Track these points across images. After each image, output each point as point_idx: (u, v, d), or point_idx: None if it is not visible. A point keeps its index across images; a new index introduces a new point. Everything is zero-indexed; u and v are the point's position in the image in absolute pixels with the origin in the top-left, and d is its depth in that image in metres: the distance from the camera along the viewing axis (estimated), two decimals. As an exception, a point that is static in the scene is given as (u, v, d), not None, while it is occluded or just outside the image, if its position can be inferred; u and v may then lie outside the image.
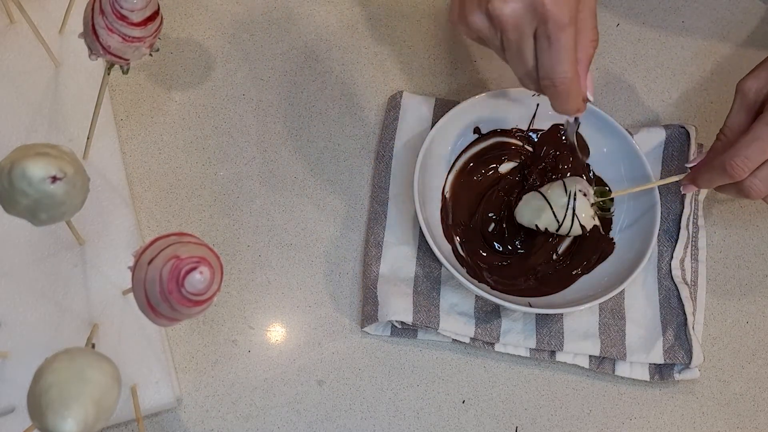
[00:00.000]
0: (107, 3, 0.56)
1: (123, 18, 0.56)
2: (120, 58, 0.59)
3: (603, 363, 0.72)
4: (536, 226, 0.71)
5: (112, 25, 0.56)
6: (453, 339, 0.72)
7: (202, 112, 0.79)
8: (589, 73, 0.62)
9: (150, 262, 0.50)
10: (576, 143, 0.72)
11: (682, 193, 0.73)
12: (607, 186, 0.75)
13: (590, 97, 0.63)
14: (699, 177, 0.69)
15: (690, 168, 0.70)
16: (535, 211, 0.71)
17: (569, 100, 0.61)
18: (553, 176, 0.76)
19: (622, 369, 0.72)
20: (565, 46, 0.57)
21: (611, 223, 0.75)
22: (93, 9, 0.57)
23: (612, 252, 0.73)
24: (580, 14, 0.59)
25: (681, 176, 0.71)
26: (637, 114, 0.83)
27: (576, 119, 0.68)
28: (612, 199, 0.74)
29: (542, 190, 0.71)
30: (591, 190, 0.71)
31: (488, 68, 0.83)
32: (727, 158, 0.64)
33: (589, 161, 0.77)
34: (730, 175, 0.65)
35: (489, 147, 0.77)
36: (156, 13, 0.57)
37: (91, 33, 0.57)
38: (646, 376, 0.72)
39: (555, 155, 0.77)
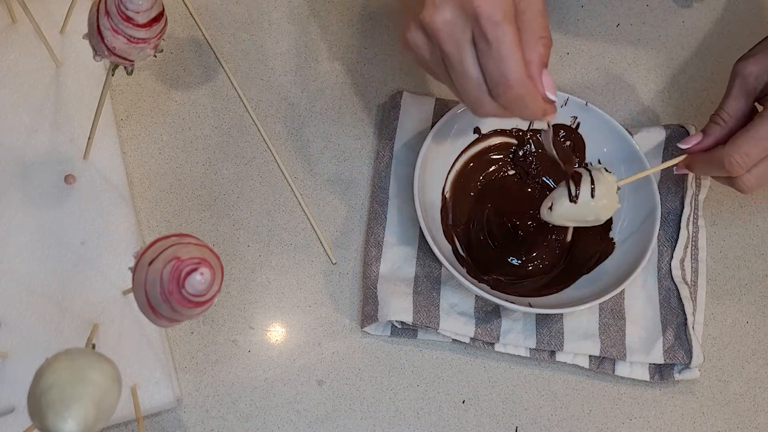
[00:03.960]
0: (113, 4, 0.56)
1: (128, 19, 0.56)
2: (125, 59, 0.59)
3: (603, 363, 0.72)
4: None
5: (117, 27, 0.56)
6: (453, 339, 0.72)
7: (202, 112, 0.79)
8: (545, 73, 0.57)
9: (151, 263, 0.50)
10: (555, 153, 0.68)
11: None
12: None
13: (552, 97, 0.58)
14: (696, 165, 0.69)
15: (684, 150, 0.70)
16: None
17: (527, 102, 0.56)
18: (539, 168, 0.77)
19: (622, 369, 0.72)
20: (505, 43, 0.53)
21: (611, 222, 0.75)
22: (98, 10, 0.57)
23: (612, 252, 0.73)
24: (524, 15, 0.56)
25: (679, 159, 0.71)
26: (637, 114, 0.83)
27: (549, 126, 0.65)
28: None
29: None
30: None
31: (488, 68, 0.83)
32: (727, 155, 0.64)
33: (589, 161, 0.77)
34: (728, 170, 0.65)
35: (489, 147, 0.77)
36: (161, 14, 0.58)
37: (96, 34, 0.58)
38: (646, 376, 0.72)
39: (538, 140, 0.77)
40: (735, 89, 0.67)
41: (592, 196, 0.65)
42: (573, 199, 0.65)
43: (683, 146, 0.69)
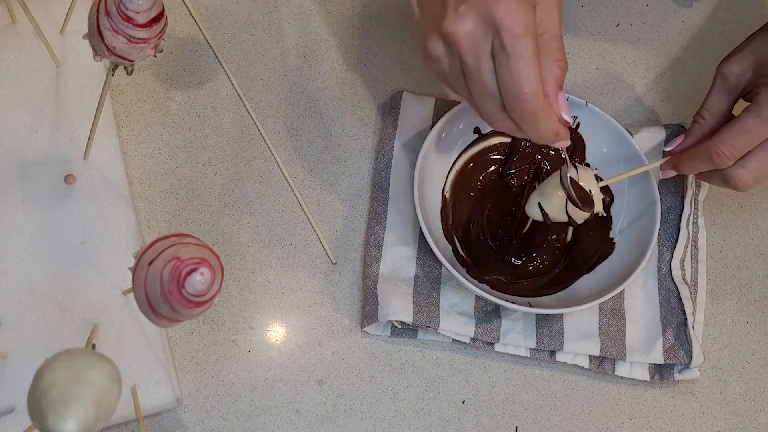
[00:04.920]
0: (113, 4, 0.56)
1: (128, 19, 0.56)
2: (125, 59, 0.59)
3: (603, 363, 0.72)
4: (544, 214, 0.68)
5: (117, 27, 0.56)
6: (453, 339, 0.72)
7: (202, 112, 0.79)
8: (561, 94, 0.58)
9: (151, 263, 0.50)
10: (571, 190, 0.66)
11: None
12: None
13: (566, 118, 0.58)
14: (682, 163, 0.69)
15: (668, 152, 0.71)
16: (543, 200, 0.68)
17: (540, 121, 0.56)
18: (530, 168, 0.77)
19: (622, 369, 0.72)
20: (523, 56, 0.53)
21: (611, 223, 0.75)
22: (98, 10, 0.57)
23: (612, 252, 0.73)
24: (542, 37, 0.56)
25: (663, 161, 0.71)
26: (637, 114, 0.83)
27: (567, 158, 0.65)
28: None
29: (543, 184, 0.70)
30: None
31: (488, 68, 0.83)
32: (713, 146, 0.65)
33: (589, 161, 0.77)
34: (716, 163, 0.65)
35: (489, 147, 0.77)
36: (161, 14, 0.58)
37: (96, 34, 0.58)
38: (646, 376, 0.72)
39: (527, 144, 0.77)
40: (716, 87, 0.68)
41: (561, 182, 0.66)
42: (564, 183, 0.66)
43: (667, 149, 0.71)
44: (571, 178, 0.66)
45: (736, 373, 0.74)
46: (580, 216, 0.68)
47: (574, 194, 0.66)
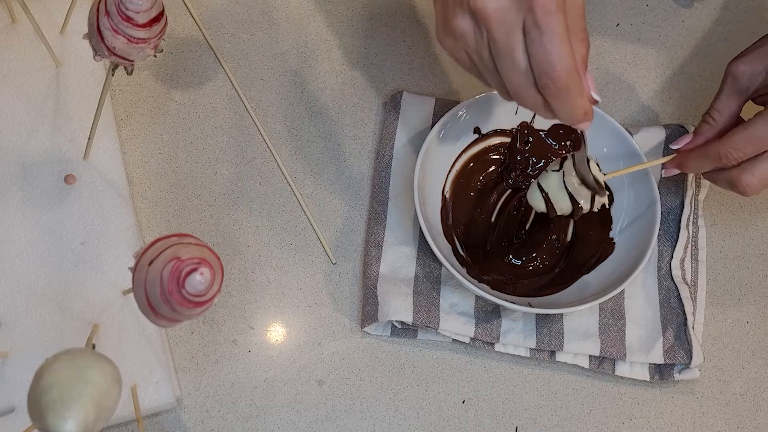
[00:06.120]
0: (113, 4, 0.56)
1: (128, 19, 0.56)
2: (125, 59, 0.59)
3: (603, 363, 0.72)
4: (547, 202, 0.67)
5: (117, 27, 0.56)
6: (453, 339, 0.72)
7: (202, 112, 0.79)
8: (588, 73, 0.57)
9: (151, 263, 0.50)
10: (593, 176, 0.65)
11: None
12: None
13: (596, 97, 0.57)
14: (688, 162, 0.69)
15: (675, 150, 0.70)
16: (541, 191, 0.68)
17: (572, 97, 0.55)
18: (534, 167, 0.77)
19: (622, 369, 0.72)
20: (557, 32, 0.53)
21: (611, 222, 0.75)
22: (98, 10, 0.57)
23: (612, 252, 0.73)
24: (568, 14, 0.54)
25: (669, 158, 0.71)
26: (637, 114, 0.83)
27: (584, 139, 0.63)
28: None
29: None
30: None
31: (488, 68, 0.83)
32: (722, 147, 0.65)
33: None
34: (723, 163, 0.65)
35: (489, 147, 0.77)
36: (161, 14, 0.58)
37: (96, 34, 0.58)
38: (646, 376, 0.72)
39: (529, 141, 0.77)
40: (726, 88, 0.68)
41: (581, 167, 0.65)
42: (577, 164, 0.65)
43: (675, 147, 0.70)
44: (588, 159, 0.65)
45: (736, 373, 0.74)
46: (584, 196, 0.66)
47: (591, 177, 0.65)
